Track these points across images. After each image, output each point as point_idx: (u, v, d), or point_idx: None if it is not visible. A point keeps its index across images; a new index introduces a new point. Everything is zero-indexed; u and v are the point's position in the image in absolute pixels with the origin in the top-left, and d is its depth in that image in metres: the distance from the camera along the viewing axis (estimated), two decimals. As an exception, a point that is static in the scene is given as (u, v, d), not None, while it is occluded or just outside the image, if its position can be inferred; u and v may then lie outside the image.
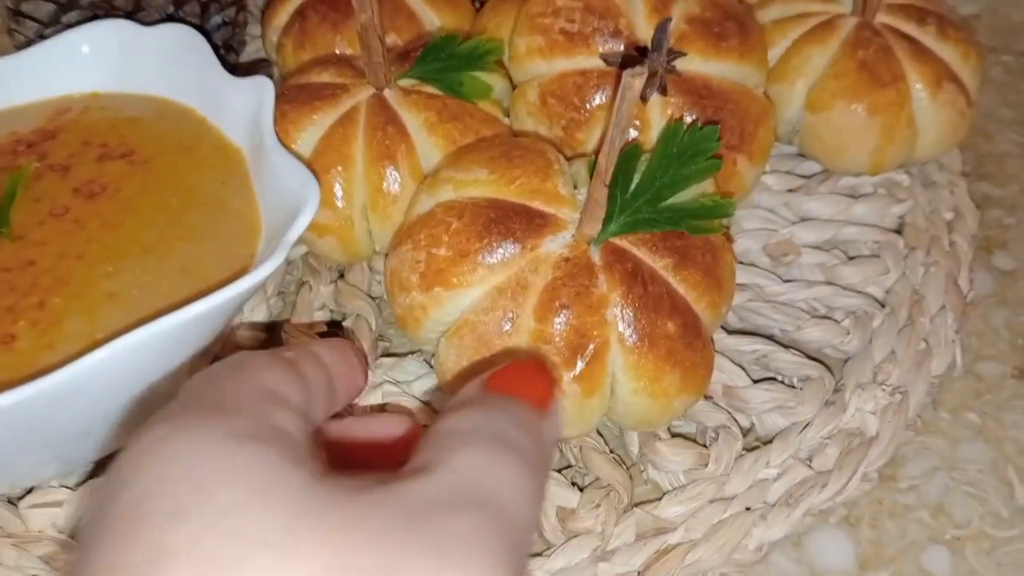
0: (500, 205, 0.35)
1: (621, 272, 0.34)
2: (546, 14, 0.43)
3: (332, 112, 0.42)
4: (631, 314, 0.34)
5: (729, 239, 0.38)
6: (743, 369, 0.40)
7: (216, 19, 0.53)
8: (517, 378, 0.26)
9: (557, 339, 0.33)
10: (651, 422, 0.36)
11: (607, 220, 0.34)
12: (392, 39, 0.48)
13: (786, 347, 0.41)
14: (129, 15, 0.52)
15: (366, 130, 0.42)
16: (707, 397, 0.39)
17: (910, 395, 0.39)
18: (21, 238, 0.39)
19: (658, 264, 0.35)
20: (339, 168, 0.41)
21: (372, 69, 0.42)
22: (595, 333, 0.33)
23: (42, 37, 0.55)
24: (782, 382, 0.40)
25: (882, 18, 0.47)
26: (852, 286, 0.44)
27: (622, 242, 0.35)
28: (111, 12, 0.52)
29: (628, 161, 0.35)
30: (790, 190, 0.48)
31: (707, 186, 0.36)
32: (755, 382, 0.40)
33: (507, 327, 0.34)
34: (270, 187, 0.39)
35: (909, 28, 0.46)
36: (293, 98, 0.43)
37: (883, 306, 0.43)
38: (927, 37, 0.46)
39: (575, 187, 0.37)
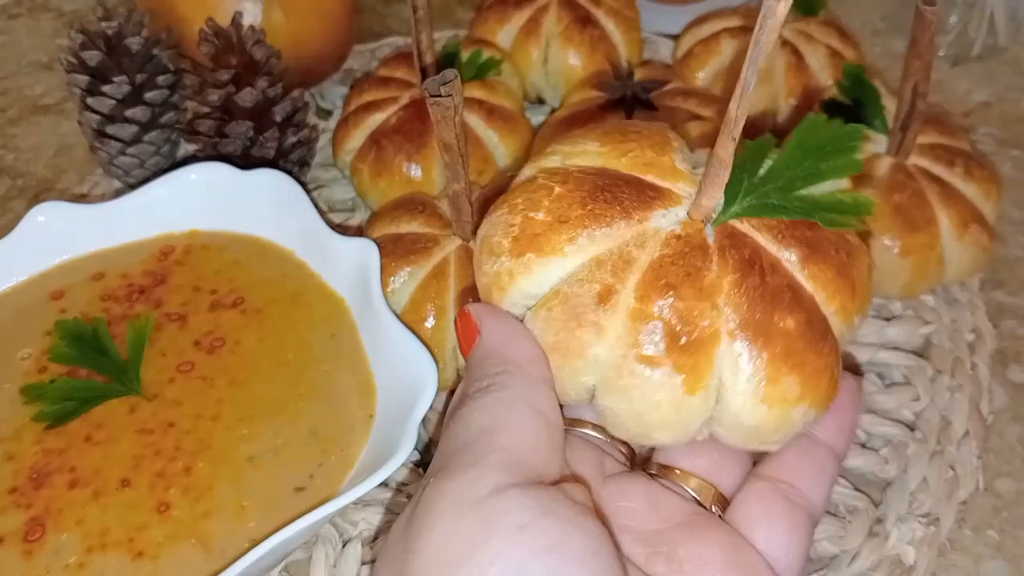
0: (609, 174, 0.32)
1: (737, 258, 0.30)
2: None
3: (425, 265, 0.47)
4: (744, 304, 0.30)
5: (867, 243, 0.33)
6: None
7: (292, 139, 0.57)
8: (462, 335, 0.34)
9: (659, 322, 0.29)
10: (763, 436, 0.31)
11: (729, 200, 0.31)
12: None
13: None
14: (210, 139, 0.55)
15: (456, 282, 0.46)
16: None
17: (941, 523, 0.45)
18: (156, 397, 0.43)
19: (783, 255, 0.31)
20: (433, 318, 0.46)
21: (460, 225, 0.46)
22: (703, 321, 0.29)
23: (124, 154, 0.58)
24: (829, 511, 0.46)
25: (915, 159, 0.52)
26: (887, 413, 0.49)
27: (743, 226, 0.31)
28: (194, 134, 0.56)
29: (760, 149, 0.33)
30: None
31: (842, 185, 0.33)
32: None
33: (603, 302, 0.30)
34: (382, 349, 0.43)
35: (939, 170, 0.51)
36: (389, 251, 0.47)
37: (913, 430, 0.49)
38: (955, 178, 0.51)
39: (694, 168, 0.33)
